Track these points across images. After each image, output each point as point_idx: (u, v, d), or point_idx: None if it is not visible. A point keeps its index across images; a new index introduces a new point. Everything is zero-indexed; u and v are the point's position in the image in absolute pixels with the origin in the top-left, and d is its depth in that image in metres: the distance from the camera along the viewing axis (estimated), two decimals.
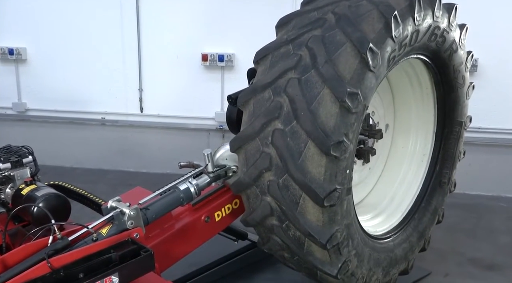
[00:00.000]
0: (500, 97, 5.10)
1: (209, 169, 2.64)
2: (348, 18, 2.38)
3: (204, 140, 5.81)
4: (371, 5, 2.42)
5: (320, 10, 2.54)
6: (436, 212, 3.49)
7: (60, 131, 6.09)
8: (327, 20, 2.43)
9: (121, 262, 1.98)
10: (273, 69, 2.45)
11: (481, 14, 4.91)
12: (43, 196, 2.40)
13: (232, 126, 3.39)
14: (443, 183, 3.48)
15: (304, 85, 2.32)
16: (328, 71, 2.29)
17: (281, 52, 2.47)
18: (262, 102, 2.45)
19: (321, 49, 2.33)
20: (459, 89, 3.23)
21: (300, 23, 2.53)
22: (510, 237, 4.40)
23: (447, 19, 2.83)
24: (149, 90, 5.83)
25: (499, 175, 5.31)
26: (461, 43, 3.05)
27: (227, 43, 5.54)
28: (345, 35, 2.33)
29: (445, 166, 3.47)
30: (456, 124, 3.37)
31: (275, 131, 2.37)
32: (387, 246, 3.09)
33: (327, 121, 2.27)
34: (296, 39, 2.46)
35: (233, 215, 2.83)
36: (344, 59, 2.31)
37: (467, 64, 3.23)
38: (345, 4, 2.47)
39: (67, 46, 5.80)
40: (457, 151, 3.46)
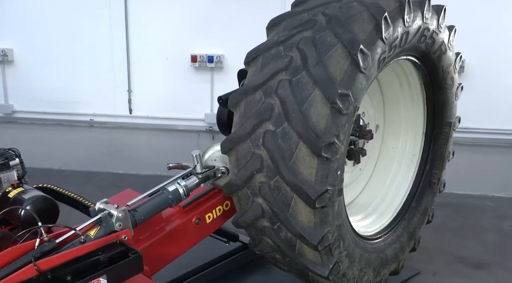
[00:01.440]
0: (488, 97, 5.15)
1: (198, 170, 2.63)
2: (339, 19, 2.38)
3: (194, 142, 5.80)
4: (361, 6, 2.44)
5: (310, 11, 2.54)
6: (426, 212, 3.52)
7: (48, 133, 6.04)
8: (318, 21, 2.43)
9: (109, 264, 1.97)
10: (264, 70, 2.45)
11: (468, 15, 4.96)
12: (31, 199, 2.38)
13: (222, 128, 3.39)
14: (433, 183, 3.51)
15: (295, 86, 2.32)
16: (319, 73, 2.29)
17: (272, 54, 2.47)
18: (253, 104, 2.45)
19: (312, 50, 2.34)
20: (448, 90, 3.26)
21: (291, 24, 2.53)
22: (497, 235, 4.45)
23: (436, 21, 2.86)
24: (138, 92, 5.81)
25: (486, 174, 5.37)
26: (450, 45, 3.08)
27: (217, 44, 5.53)
28: (335, 36, 2.34)
29: (434, 166, 3.50)
30: (445, 125, 3.40)
31: (266, 133, 2.37)
32: (378, 246, 3.11)
33: (318, 123, 2.28)
34: (287, 40, 2.46)
35: (224, 216, 2.83)
36: (335, 60, 2.31)
37: (456, 65, 3.26)
38: (336, 6, 2.48)
39: (55, 48, 5.76)
40: (446, 151, 3.48)
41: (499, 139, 5.26)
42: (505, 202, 5.20)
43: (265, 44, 2.54)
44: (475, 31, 4.98)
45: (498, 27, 5.00)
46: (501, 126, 5.21)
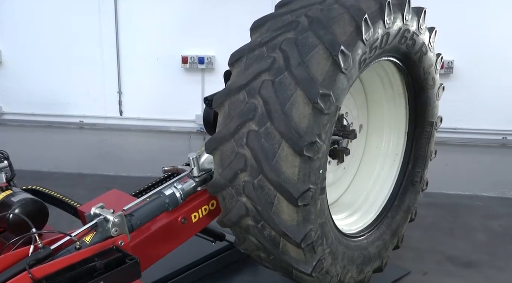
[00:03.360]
0: (476, 98, 5.22)
1: (195, 173, 2.61)
2: (320, 21, 2.42)
3: (185, 143, 5.79)
4: (342, 8, 2.48)
5: (293, 13, 2.58)
6: (409, 211, 3.56)
7: (37, 135, 6.00)
8: (300, 23, 2.47)
9: (106, 271, 1.95)
10: (247, 71, 2.47)
11: (456, 16, 5.03)
12: (19, 202, 2.34)
13: (209, 128, 3.41)
14: (416, 181, 3.55)
15: (278, 86, 2.35)
16: (301, 73, 2.33)
17: (255, 55, 2.50)
18: (237, 104, 2.47)
19: (294, 51, 2.37)
20: (430, 90, 3.30)
21: (274, 26, 2.56)
22: (486, 234, 4.50)
23: (416, 22, 2.90)
24: (129, 93, 5.79)
25: (475, 174, 5.43)
26: (430, 46, 3.13)
27: (207, 45, 5.53)
28: (317, 37, 2.37)
29: (417, 165, 3.54)
30: (427, 124, 3.43)
31: (249, 133, 2.39)
32: (361, 244, 3.14)
33: (300, 122, 2.31)
34: (270, 41, 2.49)
35: (210, 216, 2.80)
36: (317, 61, 2.35)
37: (437, 66, 3.31)
38: (318, 8, 2.51)
39: (44, 49, 5.72)
40: (429, 151, 3.53)
41: (488, 140, 5.33)
42: (494, 201, 5.26)
43: (249, 45, 2.57)
44: (463, 32, 5.06)
45: (486, 28, 5.06)
46: (490, 127, 5.28)
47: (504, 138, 5.31)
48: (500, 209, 5.06)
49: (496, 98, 5.17)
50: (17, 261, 1.98)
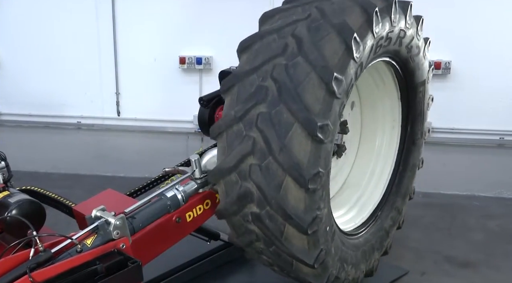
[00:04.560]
0: (473, 98, 5.22)
1: (197, 175, 2.61)
2: (309, 43, 2.41)
3: (182, 144, 5.78)
4: (330, 27, 2.46)
5: (280, 32, 2.52)
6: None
7: (35, 136, 5.97)
8: (289, 46, 2.43)
9: (107, 274, 1.95)
10: (240, 102, 2.45)
11: (454, 17, 5.04)
12: (17, 203, 2.33)
13: (204, 128, 3.42)
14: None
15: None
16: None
17: (249, 82, 2.46)
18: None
19: (287, 80, 2.35)
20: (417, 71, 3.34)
21: (263, 51, 2.50)
22: (483, 235, 4.52)
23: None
24: (126, 94, 5.76)
25: (472, 174, 5.44)
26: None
27: (205, 45, 5.52)
28: (308, 64, 2.36)
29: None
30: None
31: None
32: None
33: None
34: (259, 68, 2.45)
35: (205, 215, 2.80)
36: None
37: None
38: (304, 25, 2.48)
39: (41, 49, 5.68)
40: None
41: (485, 140, 5.33)
42: (492, 201, 5.28)
43: (240, 72, 2.51)
44: (461, 33, 5.06)
45: (484, 29, 5.06)
46: (487, 127, 5.28)
47: (501, 138, 5.32)
48: (497, 209, 5.09)
49: (494, 98, 5.18)
50: (17, 265, 1.97)
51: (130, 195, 3.25)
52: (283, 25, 2.50)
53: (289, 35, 2.43)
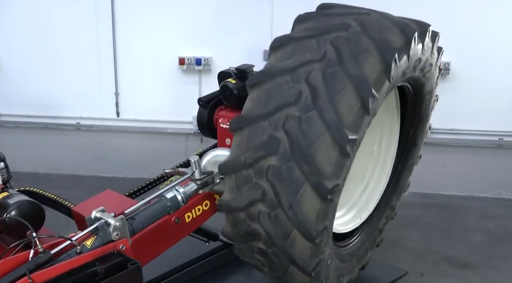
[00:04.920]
0: (472, 99, 5.22)
1: (196, 175, 2.60)
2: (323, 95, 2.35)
3: (182, 145, 5.78)
4: (347, 80, 2.37)
5: (293, 73, 2.42)
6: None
7: (34, 136, 5.96)
8: (303, 94, 2.36)
9: (107, 276, 1.94)
10: (250, 149, 2.42)
11: (453, 17, 5.04)
12: (16, 204, 2.30)
13: (203, 129, 3.41)
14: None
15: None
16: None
17: (260, 128, 2.41)
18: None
19: (300, 135, 2.31)
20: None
21: (275, 95, 2.42)
22: (482, 235, 4.53)
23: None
24: (126, 95, 5.76)
25: (472, 175, 5.45)
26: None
27: (205, 46, 5.51)
28: (323, 122, 2.31)
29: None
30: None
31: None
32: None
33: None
34: (271, 115, 2.39)
35: (204, 216, 2.78)
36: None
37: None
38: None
39: (40, 50, 5.67)
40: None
41: (484, 141, 5.34)
42: (491, 202, 5.29)
43: (250, 114, 2.46)
44: (460, 34, 5.06)
45: (483, 29, 5.07)
46: (486, 128, 5.29)
47: (500, 139, 5.33)
48: (496, 210, 5.10)
49: (493, 99, 5.18)
50: (17, 266, 1.96)
51: (129, 195, 3.24)
52: (296, 65, 2.40)
53: (303, 81, 2.35)
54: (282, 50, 2.50)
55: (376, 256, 3.63)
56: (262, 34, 5.24)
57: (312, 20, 2.58)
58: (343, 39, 2.40)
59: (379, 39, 2.41)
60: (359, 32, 2.42)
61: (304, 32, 2.54)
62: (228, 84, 3.14)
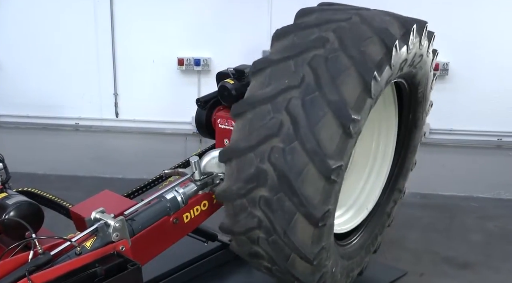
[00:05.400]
0: (471, 99, 5.24)
1: (196, 176, 2.59)
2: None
3: (181, 145, 5.78)
4: (326, 106, 2.34)
5: (273, 102, 2.42)
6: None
7: (33, 137, 5.95)
8: (284, 125, 2.36)
9: (107, 277, 1.93)
10: (240, 180, 2.45)
11: (452, 18, 5.05)
12: (14, 204, 2.30)
13: (201, 129, 3.41)
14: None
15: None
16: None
17: (247, 160, 2.43)
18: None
19: (285, 167, 2.32)
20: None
21: (257, 127, 2.40)
22: (481, 235, 4.54)
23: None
24: (125, 95, 5.76)
25: (471, 175, 5.46)
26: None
27: (203, 47, 5.52)
28: (306, 154, 2.30)
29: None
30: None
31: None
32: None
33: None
34: (256, 147, 2.41)
35: (202, 216, 2.78)
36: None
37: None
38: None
39: (39, 50, 5.67)
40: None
41: (483, 141, 5.35)
42: (489, 202, 5.29)
43: (235, 146, 2.48)
44: (459, 34, 5.08)
45: (482, 30, 5.08)
46: (485, 128, 5.30)
47: (499, 139, 5.34)
48: (495, 210, 5.10)
49: (492, 100, 5.19)
50: (16, 267, 1.95)
51: (127, 196, 3.24)
52: (275, 92, 2.37)
53: (283, 110, 2.33)
54: (262, 75, 2.49)
55: (376, 257, 3.63)
56: (261, 35, 5.24)
57: (290, 35, 2.54)
58: (321, 59, 2.37)
59: (357, 57, 2.36)
60: (337, 49, 2.38)
61: (282, 52, 2.50)
62: (226, 84, 3.15)
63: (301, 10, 2.73)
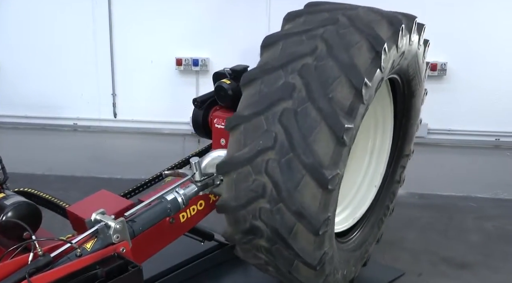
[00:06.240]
0: (469, 99, 5.24)
1: (197, 177, 2.58)
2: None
3: (179, 145, 5.77)
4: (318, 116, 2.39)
5: (266, 114, 2.44)
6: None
7: (31, 137, 5.94)
8: (278, 139, 2.40)
9: (107, 279, 1.92)
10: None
11: (450, 18, 5.07)
12: (12, 205, 2.29)
13: (198, 130, 3.42)
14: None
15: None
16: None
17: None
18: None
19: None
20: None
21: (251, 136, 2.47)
22: (479, 236, 4.55)
23: None
24: (123, 95, 5.75)
25: (469, 175, 5.46)
26: None
27: (202, 47, 5.51)
28: (302, 167, 2.35)
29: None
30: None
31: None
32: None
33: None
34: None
35: (199, 216, 2.79)
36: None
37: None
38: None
39: (37, 51, 5.66)
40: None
41: (481, 141, 5.36)
42: (488, 202, 5.30)
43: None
44: (457, 34, 5.09)
45: (480, 30, 5.09)
46: (483, 128, 5.31)
47: (497, 139, 5.35)
48: (493, 210, 5.11)
49: (489, 100, 5.20)
50: (16, 269, 1.94)
51: (124, 195, 3.24)
52: (267, 106, 2.42)
53: (277, 123, 2.37)
54: (253, 86, 2.53)
55: (374, 257, 3.64)
56: (260, 35, 5.16)
57: (277, 44, 2.58)
58: (310, 67, 2.40)
59: (346, 62, 2.40)
60: (325, 56, 2.42)
61: (271, 62, 2.54)
62: (222, 84, 3.17)
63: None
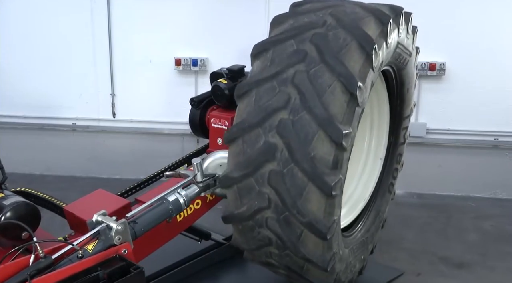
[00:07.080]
0: (468, 99, 5.25)
1: (198, 178, 2.59)
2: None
3: (178, 145, 5.77)
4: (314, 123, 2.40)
5: (262, 126, 2.45)
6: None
7: (30, 137, 5.93)
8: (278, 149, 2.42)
9: (109, 281, 1.92)
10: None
11: (449, 18, 5.07)
12: (11, 205, 2.28)
13: (195, 129, 3.43)
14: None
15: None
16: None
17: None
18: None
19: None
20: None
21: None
22: (478, 235, 4.56)
23: None
24: (122, 95, 5.74)
25: (468, 175, 5.47)
26: None
27: (201, 47, 5.51)
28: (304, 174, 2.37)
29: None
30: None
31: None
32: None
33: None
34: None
35: (195, 215, 2.81)
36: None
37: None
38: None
39: (36, 51, 5.65)
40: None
41: (480, 141, 5.37)
42: (486, 202, 5.31)
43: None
44: (456, 34, 5.10)
45: (479, 30, 5.10)
46: (482, 128, 5.32)
47: (496, 139, 5.36)
48: (492, 210, 5.12)
49: (488, 100, 5.21)
50: (17, 271, 1.95)
51: (121, 195, 3.24)
52: (264, 116, 2.43)
53: (275, 134, 2.39)
54: (248, 96, 2.53)
55: (373, 257, 3.65)
56: (258, 35, 5.20)
57: (268, 51, 2.59)
58: (303, 76, 2.41)
59: (341, 69, 2.41)
60: (317, 62, 2.43)
61: (263, 72, 2.53)
62: (219, 84, 3.18)
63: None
